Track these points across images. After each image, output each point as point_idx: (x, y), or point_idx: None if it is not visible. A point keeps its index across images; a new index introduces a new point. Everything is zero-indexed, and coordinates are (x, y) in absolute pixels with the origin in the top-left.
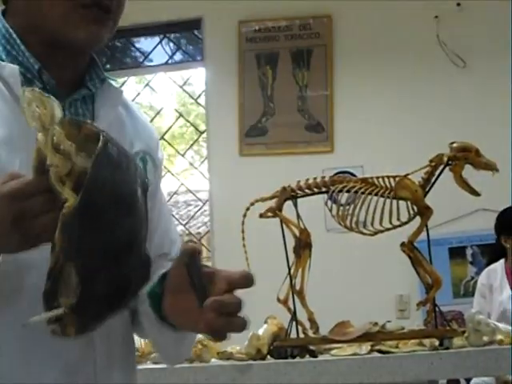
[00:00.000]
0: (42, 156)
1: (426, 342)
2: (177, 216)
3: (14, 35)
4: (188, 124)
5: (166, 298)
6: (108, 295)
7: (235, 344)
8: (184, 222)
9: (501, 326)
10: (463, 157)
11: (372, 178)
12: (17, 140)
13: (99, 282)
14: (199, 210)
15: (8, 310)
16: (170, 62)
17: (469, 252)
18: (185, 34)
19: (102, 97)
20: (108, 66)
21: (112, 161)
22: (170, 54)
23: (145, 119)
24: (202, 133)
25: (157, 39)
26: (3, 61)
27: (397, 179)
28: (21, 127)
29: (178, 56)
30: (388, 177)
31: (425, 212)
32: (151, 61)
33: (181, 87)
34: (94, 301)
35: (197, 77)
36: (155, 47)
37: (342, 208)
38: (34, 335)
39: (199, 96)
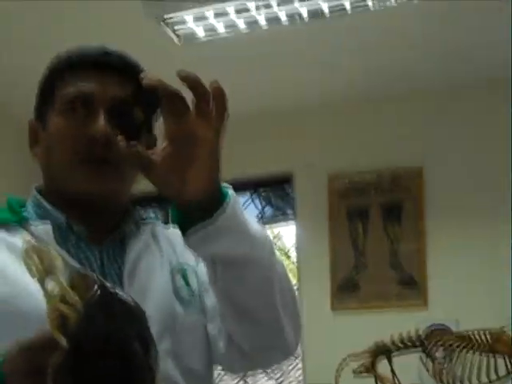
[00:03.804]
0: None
1: None
2: (268, 370)
3: (39, 197)
4: None
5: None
6: None
7: None
8: (276, 377)
9: None
10: None
11: (468, 332)
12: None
13: None
14: (291, 364)
15: None
16: (260, 217)
17: None
18: (275, 188)
19: (132, 233)
20: None
21: (104, 309)
22: (260, 209)
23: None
24: None
25: (247, 195)
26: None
27: (493, 333)
28: None
29: (269, 211)
30: (484, 331)
31: None
32: None
33: None
34: None
35: (286, 231)
36: (246, 203)
37: (437, 363)
38: None
39: (288, 250)
